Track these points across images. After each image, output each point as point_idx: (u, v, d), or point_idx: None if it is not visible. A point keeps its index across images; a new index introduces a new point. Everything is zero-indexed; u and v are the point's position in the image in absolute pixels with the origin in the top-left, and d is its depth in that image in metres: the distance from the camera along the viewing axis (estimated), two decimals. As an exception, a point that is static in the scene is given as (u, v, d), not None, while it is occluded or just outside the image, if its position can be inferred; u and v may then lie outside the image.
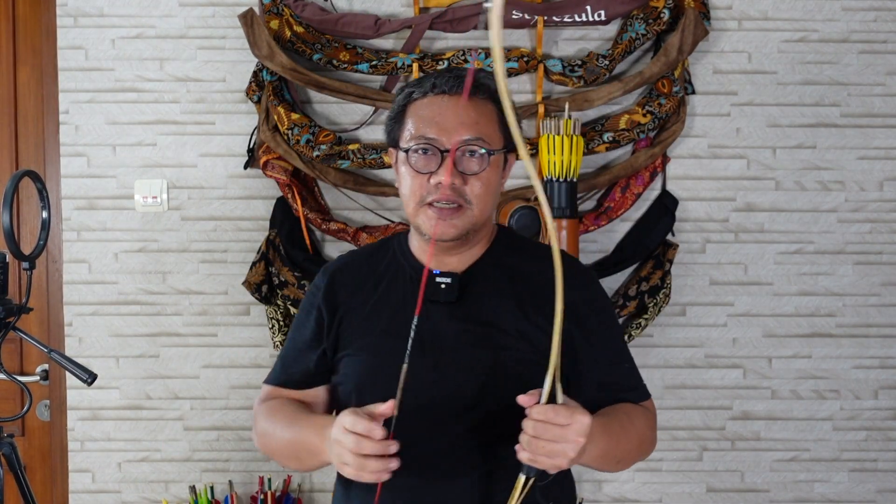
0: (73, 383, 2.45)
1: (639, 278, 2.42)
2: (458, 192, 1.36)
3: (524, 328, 1.40)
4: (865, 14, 2.46)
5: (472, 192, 1.37)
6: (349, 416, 1.22)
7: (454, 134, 1.35)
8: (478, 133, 1.37)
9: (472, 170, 1.37)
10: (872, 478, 2.51)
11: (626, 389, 1.48)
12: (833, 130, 2.47)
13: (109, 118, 2.43)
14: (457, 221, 1.37)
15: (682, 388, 2.49)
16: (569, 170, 2.26)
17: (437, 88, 1.38)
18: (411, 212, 1.40)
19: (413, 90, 1.41)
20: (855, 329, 2.50)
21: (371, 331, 1.43)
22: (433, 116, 1.37)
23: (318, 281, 1.52)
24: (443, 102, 1.38)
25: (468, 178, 1.37)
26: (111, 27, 2.42)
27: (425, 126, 1.37)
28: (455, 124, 1.36)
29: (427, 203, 1.37)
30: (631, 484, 2.50)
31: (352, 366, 1.43)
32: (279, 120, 2.33)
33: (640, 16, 2.37)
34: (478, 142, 1.37)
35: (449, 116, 1.37)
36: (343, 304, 1.46)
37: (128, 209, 2.44)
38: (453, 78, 1.39)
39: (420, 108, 1.39)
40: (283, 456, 1.44)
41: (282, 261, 2.35)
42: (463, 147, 1.36)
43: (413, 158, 1.37)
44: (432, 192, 1.36)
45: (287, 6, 2.35)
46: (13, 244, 1.68)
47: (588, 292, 1.47)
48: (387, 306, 1.44)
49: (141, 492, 2.46)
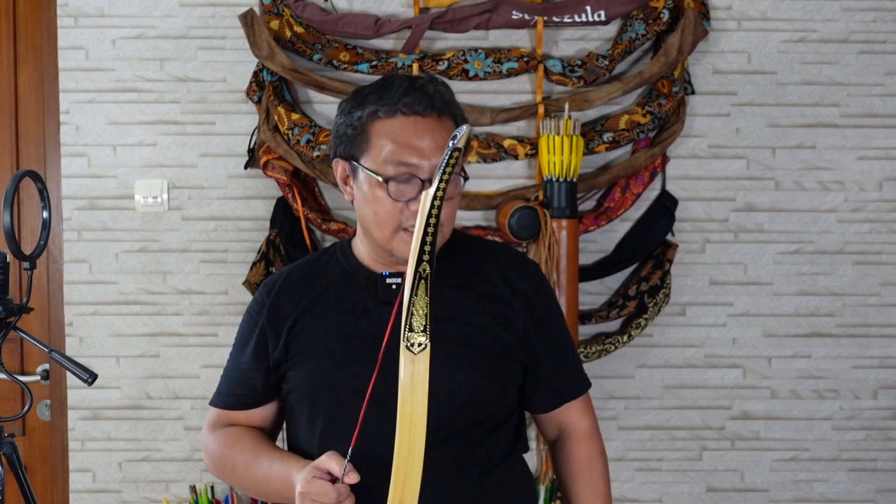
0: (73, 383, 2.45)
1: (639, 278, 2.42)
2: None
3: (479, 320, 1.41)
4: (865, 14, 2.46)
5: (445, 214, 1.36)
6: (314, 485, 1.26)
7: (433, 158, 1.34)
8: None
9: (450, 195, 1.35)
10: (872, 477, 2.51)
11: (571, 381, 1.53)
12: (833, 130, 2.47)
13: (110, 118, 2.43)
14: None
15: (681, 388, 2.49)
16: (569, 170, 2.26)
17: (412, 109, 1.35)
18: (385, 236, 1.38)
19: (377, 108, 1.36)
20: (854, 329, 2.50)
21: (322, 337, 1.42)
22: (409, 141, 1.34)
23: (260, 298, 1.50)
24: (417, 125, 1.35)
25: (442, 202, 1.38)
26: (112, 27, 2.42)
27: (403, 151, 1.34)
28: (432, 148, 1.34)
29: (403, 228, 1.36)
30: (631, 484, 2.50)
31: (304, 372, 1.42)
32: (279, 120, 2.33)
33: (639, 16, 2.37)
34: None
35: (426, 141, 1.35)
36: (290, 316, 1.45)
37: (128, 209, 2.44)
38: (424, 97, 1.36)
39: (392, 130, 1.35)
40: (246, 490, 1.50)
41: (282, 261, 2.35)
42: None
43: (392, 186, 1.35)
44: (411, 217, 1.34)
45: (287, 6, 2.35)
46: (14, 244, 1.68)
47: (535, 283, 1.49)
48: (337, 312, 1.43)
49: (141, 491, 2.47)
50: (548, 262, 2.24)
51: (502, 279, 1.45)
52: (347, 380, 1.38)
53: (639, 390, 2.49)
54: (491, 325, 1.41)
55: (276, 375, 1.47)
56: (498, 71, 2.34)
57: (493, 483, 1.40)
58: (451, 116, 1.40)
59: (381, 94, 1.37)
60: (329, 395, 1.39)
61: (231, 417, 1.52)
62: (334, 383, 1.39)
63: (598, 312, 2.42)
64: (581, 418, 1.52)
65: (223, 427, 1.51)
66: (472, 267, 1.46)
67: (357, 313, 1.42)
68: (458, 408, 1.37)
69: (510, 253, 1.53)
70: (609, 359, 2.44)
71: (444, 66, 2.33)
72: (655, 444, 2.49)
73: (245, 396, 1.50)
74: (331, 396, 1.39)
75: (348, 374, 1.38)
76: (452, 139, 1.18)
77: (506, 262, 1.48)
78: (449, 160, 1.15)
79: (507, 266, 1.47)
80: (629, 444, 2.49)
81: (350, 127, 1.39)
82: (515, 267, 1.48)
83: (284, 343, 1.44)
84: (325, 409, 1.39)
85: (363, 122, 1.37)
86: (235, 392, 1.51)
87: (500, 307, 1.42)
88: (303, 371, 1.43)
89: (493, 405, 1.42)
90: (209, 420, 1.54)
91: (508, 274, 1.45)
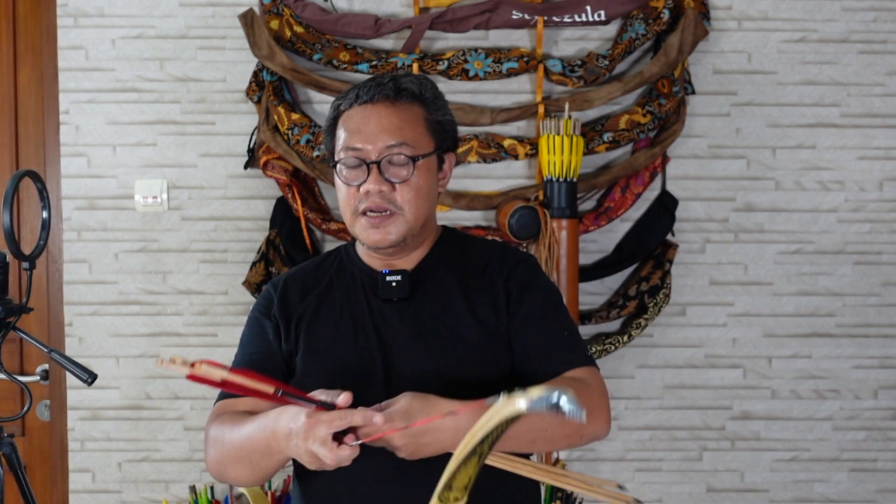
0: (73, 383, 2.45)
1: (639, 278, 2.42)
2: (388, 200, 1.39)
3: (473, 315, 1.42)
4: (865, 14, 2.46)
5: (403, 197, 1.40)
6: (321, 427, 1.18)
7: (378, 141, 1.39)
8: (401, 138, 1.40)
9: (400, 176, 1.39)
10: (872, 478, 2.51)
11: (564, 352, 1.40)
12: (833, 130, 2.47)
13: (110, 118, 2.43)
14: (391, 228, 1.40)
15: (681, 388, 2.49)
16: (569, 170, 2.26)
17: (360, 99, 1.42)
18: (349, 223, 1.43)
19: (341, 102, 1.44)
20: (855, 329, 2.50)
21: (324, 335, 1.44)
22: (357, 126, 1.41)
23: (268, 293, 1.51)
24: (365, 112, 1.41)
25: (396, 185, 1.40)
26: (111, 27, 2.42)
27: (351, 137, 1.41)
28: (377, 132, 1.39)
29: (361, 212, 1.41)
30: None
31: (307, 369, 1.43)
32: (279, 120, 2.33)
33: (640, 16, 2.37)
34: (401, 147, 1.39)
35: (371, 125, 1.40)
36: (296, 312, 1.47)
37: (128, 209, 2.44)
38: (376, 86, 1.42)
39: (347, 120, 1.43)
40: (234, 462, 1.37)
41: (282, 261, 2.35)
42: (388, 155, 1.39)
43: (343, 171, 1.41)
44: (364, 200, 1.40)
45: (287, 6, 2.35)
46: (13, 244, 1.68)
47: (515, 266, 1.46)
48: (339, 310, 1.45)
49: (141, 492, 2.46)
50: (548, 262, 2.24)
51: (493, 273, 1.46)
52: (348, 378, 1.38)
53: (639, 390, 2.48)
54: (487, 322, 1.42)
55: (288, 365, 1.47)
56: (498, 71, 2.34)
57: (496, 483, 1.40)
58: (415, 102, 1.43)
59: (348, 92, 1.45)
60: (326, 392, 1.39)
61: (235, 405, 1.46)
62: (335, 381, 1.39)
63: (598, 312, 2.42)
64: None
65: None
66: (469, 264, 1.48)
67: (359, 311, 1.44)
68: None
69: (502, 247, 1.54)
70: (609, 359, 2.44)
71: (444, 66, 2.33)
72: (655, 445, 2.49)
73: (258, 354, 1.45)
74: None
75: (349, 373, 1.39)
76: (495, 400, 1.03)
77: (492, 254, 1.49)
78: (493, 432, 1.02)
79: (497, 260, 1.48)
80: (629, 444, 2.49)
81: (326, 127, 1.48)
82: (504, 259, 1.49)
83: (294, 338, 1.46)
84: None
85: (334, 118, 1.46)
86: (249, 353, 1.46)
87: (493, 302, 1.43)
88: (306, 368, 1.43)
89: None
90: (211, 414, 1.48)
91: (498, 267, 1.46)
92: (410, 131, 1.41)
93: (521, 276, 1.46)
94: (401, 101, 1.42)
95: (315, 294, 1.48)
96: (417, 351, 1.40)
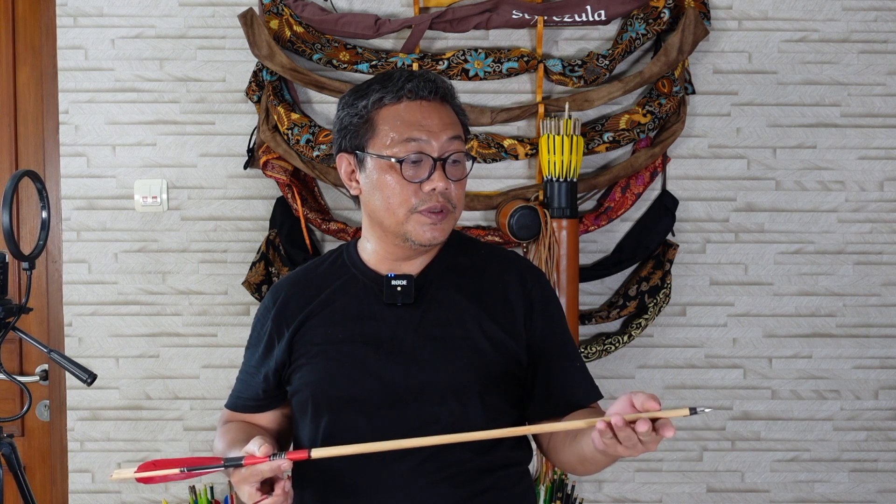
0: (72, 383, 2.45)
1: (639, 278, 2.42)
2: (447, 198, 1.38)
3: (481, 323, 1.40)
4: (866, 14, 2.46)
5: (457, 196, 1.40)
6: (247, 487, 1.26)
7: (441, 136, 1.37)
8: (456, 132, 1.40)
9: (459, 174, 1.39)
10: (873, 478, 2.51)
11: (579, 387, 1.45)
12: (833, 130, 2.47)
13: (109, 118, 2.43)
14: (445, 226, 1.40)
15: (682, 388, 2.49)
16: (569, 170, 2.26)
17: (414, 94, 1.38)
18: (398, 219, 1.38)
19: (382, 95, 1.38)
20: (855, 329, 2.49)
21: (326, 339, 1.42)
22: (417, 120, 1.37)
23: (268, 302, 1.51)
24: (423, 107, 1.38)
25: (453, 182, 1.39)
26: (111, 27, 2.42)
27: (411, 129, 1.36)
28: (440, 128, 1.37)
29: (419, 210, 1.37)
30: (631, 484, 2.50)
31: (308, 374, 1.42)
32: (279, 120, 2.33)
33: (640, 16, 2.37)
34: (459, 143, 1.39)
35: (434, 120, 1.38)
36: (296, 318, 1.46)
37: (128, 209, 2.44)
38: (427, 82, 1.39)
39: (398, 113, 1.37)
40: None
41: (282, 261, 2.35)
42: (450, 153, 1.38)
43: (405, 167, 1.36)
44: (425, 199, 1.36)
45: (287, 6, 2.35)
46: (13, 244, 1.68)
47: (541, 289, 1.47)
48: (342, 314, 1.43)
49: (141, 492, 2.46)
50: (548, 262, 2.24)
51: (508, 284, 1.44)
52: (351, 383, 1.37)
53: (639, 390, 2.48)
54: (495, 331, 1.40)
55: (278, 379, 1.47)
56: (498, 71, 2.34)
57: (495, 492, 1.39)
58: (453, 107, 1.43)
59: (383, 83, 1.40)
60: (333, 397, 1.39)
61: (238, 418, 1.55)
62: (338, 386, 1.39)
63: (599, 313, 2.41)
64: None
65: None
66: (480, 272, 1.46)
67: (362, 316, 1.42)
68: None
69: (517, 259, 1.52)
70: (609, 359, 2.44)
71: (443, 66, 2.33)
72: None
73: (249, 400, 1.52)
74: (334, 399, 1.39)
75: (352, 377, 1.38)
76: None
77: (512, 267, 1.47)
78: None
79: (514, 271, 1.46)
80: (629, 445, 2.49)
81: (355, 116, 1.40)
82: (522, 273, 1.47)
83: (288, 345, 1.45)
84: (329, 411, 1.39)
85: (369, 110, 1.39)
86: (242, 396, 1.53)
87: (505, 312, 1.42)
88: (307, 373, 1.43)
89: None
90: (219, 419, 1.58)
91: (515, 279, 1.45)
92: (460, 130, 1.42)
93: (541, 293, 1.46)
94: (447, 99, 1.41)
95: (317, 300, 1.46)
96: (422, 356, 1.38)
